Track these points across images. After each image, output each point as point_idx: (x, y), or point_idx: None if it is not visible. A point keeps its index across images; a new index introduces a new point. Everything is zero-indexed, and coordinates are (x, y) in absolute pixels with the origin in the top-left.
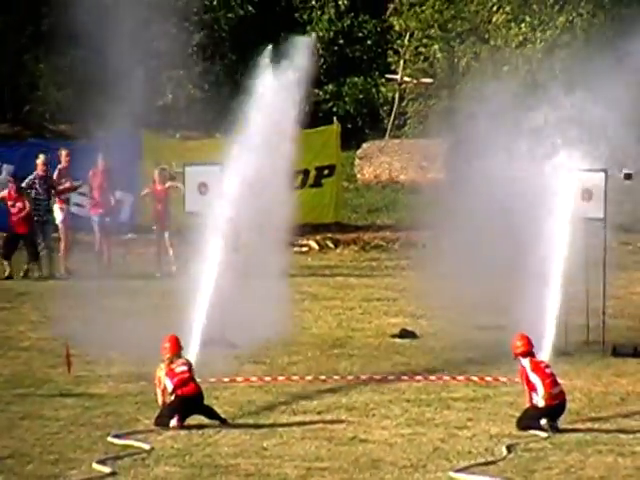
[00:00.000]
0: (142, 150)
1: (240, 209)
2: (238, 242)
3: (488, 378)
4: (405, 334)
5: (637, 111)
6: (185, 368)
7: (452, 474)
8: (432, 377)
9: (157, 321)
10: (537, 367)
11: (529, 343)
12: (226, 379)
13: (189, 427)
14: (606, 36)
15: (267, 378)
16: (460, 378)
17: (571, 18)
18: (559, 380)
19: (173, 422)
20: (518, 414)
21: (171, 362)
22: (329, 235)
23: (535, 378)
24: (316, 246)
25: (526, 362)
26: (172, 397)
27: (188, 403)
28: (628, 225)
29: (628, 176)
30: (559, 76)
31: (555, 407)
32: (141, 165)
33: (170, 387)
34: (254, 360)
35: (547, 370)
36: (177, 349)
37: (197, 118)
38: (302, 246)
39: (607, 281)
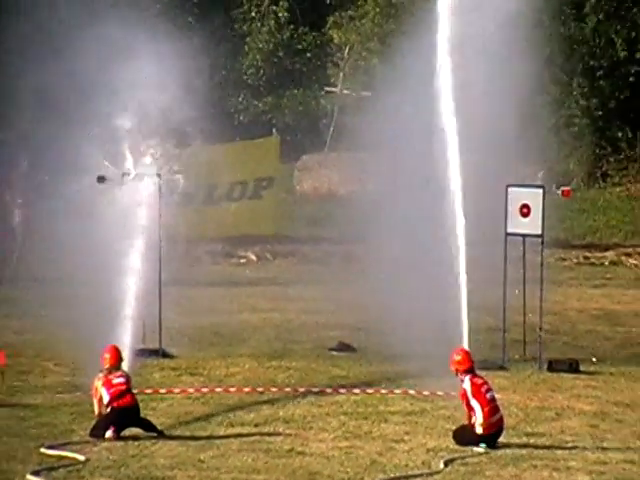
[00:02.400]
0: None
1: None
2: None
3: (425, 392)
4: (343, 347)
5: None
6: (122, 380)
7: None
8: (369, 390)
9: (90, 331)
10: (478, 391)
11: (469, 359)
12: (163, 390)
13: (125, 438)
14: (544, 52)
15: (204, 389)
16: (397, 391)
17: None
18: (498, 401)
19: (109, 433)
20: (455, 427)
21: (109, 373)
22: (268, 247)
23: (475, 404)
24: (254, 258)
25: (467, 384)
26: (108, 409)
27: (124, 415)
28: (565, 241)
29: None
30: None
31: (493, 435)
32: None
33: (106, 398)
34: (191, 371)
35: (488, 395)
36: (117, 360)
37: None
38: (240, 257)
39: (544, 297)
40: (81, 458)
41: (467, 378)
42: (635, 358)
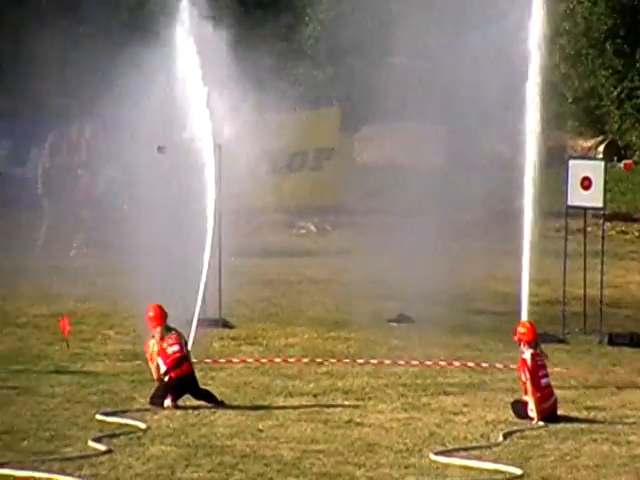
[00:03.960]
0: None
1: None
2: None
3: (484, 364)
4: (402, 318)
5: None
6: (177, 348)
7: (432, 456)
8: (428, 362)
9: (151, 300)
10: (535, 374)
11: (533, 332)
12: (222, 360)
13: (185, 407)
14: (607, 24)
15: (263, 360)
16: (456, 364)
17: (572, 6)
18: (557, 375)
19: (167, 402)
20: (513, 399)
21: (162, 338)
22: (327, 218)
23: (529, 386)
24: (314, 229)
25: (528, 356)
26: (166, 378)
27: (181, 384)
28: (626, 214)
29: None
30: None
31: (547, 417)
32: None
33: (163, 368)
34: (250, 341)
35: (543, 381)
36: (163, 319)
37: None
38: (300, 228)
39: (605, 270)
40: (142, 426)
41: (529, 352)
42: None
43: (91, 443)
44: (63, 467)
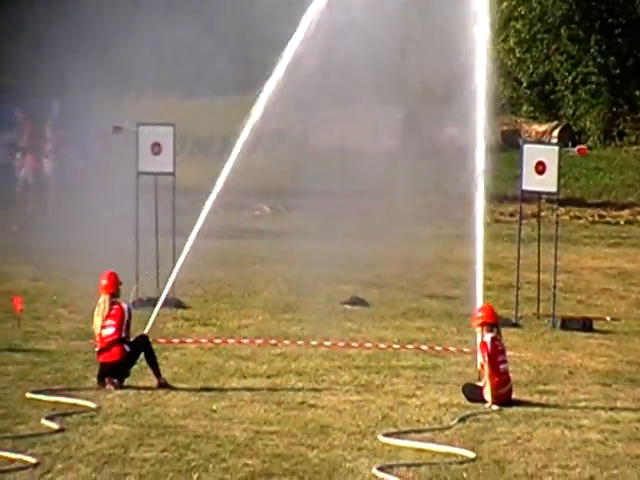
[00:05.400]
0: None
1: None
2: None
3: (437, 347)
4: (355, 301)
5: None
6: (112, 330)
7: (381, 438)
8: (382, 345)
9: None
10: (494, 358)
11: (492, 315)
12: (176, 340)
13: (137, 387)
14: (562, 9)
15: (217, 340)
16: (410, 347)
17: None
18: (510, 358)
19: (109, 387)
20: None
21: (107, 313)
22: (282, 199)
23: (488, 372)
24: (268, 210)
25: (488, 339)
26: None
27: (109, 370)
28: (580, 200)
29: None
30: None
31: (502, 402)
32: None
33: (97, 348)
34: (204, 322)
35: (501, 367)
36: (113, 288)
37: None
38: (254, 209)
39: (558, 255)
40: (92, 405)
41: (489, 335)
42: None
43: (44, 421)
44: (15, 445)
